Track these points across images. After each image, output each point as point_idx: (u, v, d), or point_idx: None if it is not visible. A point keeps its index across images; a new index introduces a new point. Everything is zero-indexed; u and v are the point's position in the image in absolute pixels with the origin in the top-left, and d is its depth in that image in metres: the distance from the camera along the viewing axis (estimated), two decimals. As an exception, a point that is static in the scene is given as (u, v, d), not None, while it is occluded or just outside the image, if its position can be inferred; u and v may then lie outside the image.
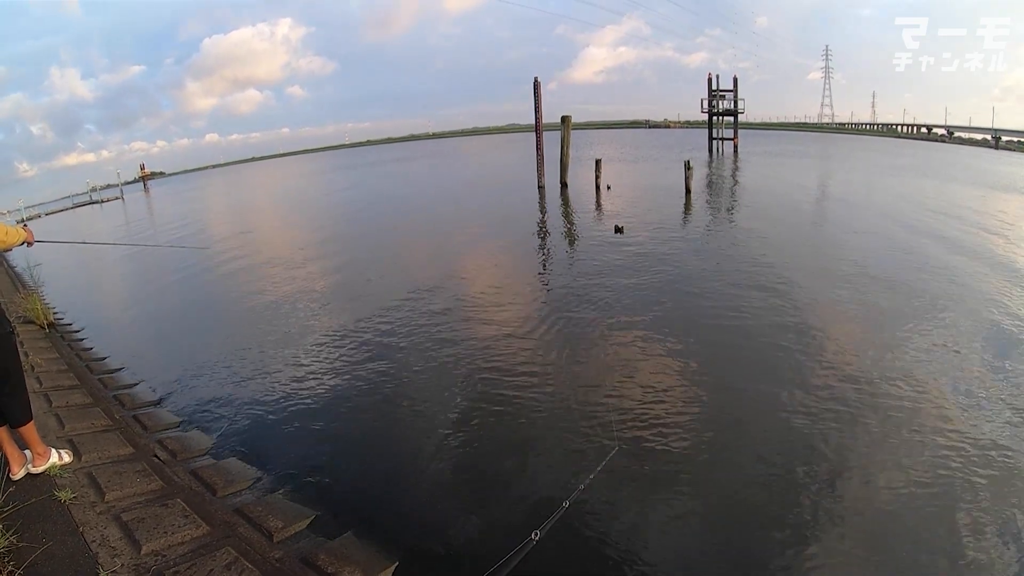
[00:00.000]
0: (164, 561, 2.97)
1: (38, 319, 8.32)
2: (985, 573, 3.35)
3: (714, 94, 39.29)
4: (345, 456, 4.85)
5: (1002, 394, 5.34)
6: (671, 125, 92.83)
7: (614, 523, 3.87)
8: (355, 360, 6.83)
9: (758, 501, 4.08)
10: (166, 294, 11.63)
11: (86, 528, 3.14)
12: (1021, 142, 43.51)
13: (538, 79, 22.16)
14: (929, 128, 58.55)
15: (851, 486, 4.19)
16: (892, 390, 5.44)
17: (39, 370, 6.06)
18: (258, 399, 5.97)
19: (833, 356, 6.31)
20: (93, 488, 3.60)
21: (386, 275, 10.93)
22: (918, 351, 6.34)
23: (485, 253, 12.87)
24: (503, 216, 17.50)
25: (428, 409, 5.58)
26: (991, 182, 21.67)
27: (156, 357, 7.57)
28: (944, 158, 33.80)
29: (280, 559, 3.15)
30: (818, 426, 4.90)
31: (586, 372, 6.24)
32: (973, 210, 15.19)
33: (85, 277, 15.16)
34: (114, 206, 42.79)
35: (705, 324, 7.36)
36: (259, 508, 3.75)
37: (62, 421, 4.67)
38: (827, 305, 8.05)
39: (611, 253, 11.28)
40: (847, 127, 76.67)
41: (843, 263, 10.07)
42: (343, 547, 3.35)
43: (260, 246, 16.14)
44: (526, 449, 4.82)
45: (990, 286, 8.46)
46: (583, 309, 8.17)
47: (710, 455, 4.62)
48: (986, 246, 11.10)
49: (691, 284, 9.11)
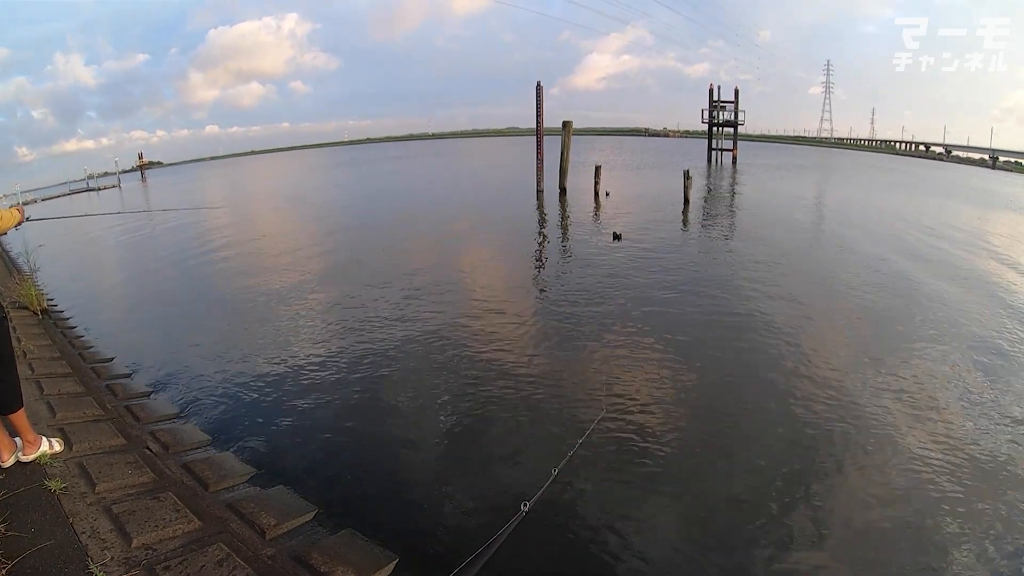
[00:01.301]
0: (155, 555, 2.92)
1: (31, 305, 8.24)
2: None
3: (715, 105, 39.44)
4: (341, 451, 4.81)
5: (997, 405, 5.39)
6: (670, 134, 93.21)
7: (600, 491, 4.07)
8: (350, 354, 6.80)
9: (739, 472, 4.37)
10: (161, 283, 11.56)
11: (76, 519, 3.09)
12: (1019, 163, 43.96)
13: (540, 83, 22.19)
14: (927, 146, 59.04)
15: (836, 472, 4.37)
16: (884, 386, 5.56)
17: (31, 356, 5.99)
18: (252, 393, 5.91)
19: (822, 359, 6.46)
20: (84, 479, 3.54)
21: (383, 273, 10.87)
22: (908, 358, 6.47)
23: (482, 253, 12.89)
24: (502, 219, 17.51)
25: (423, 402, 5.62)
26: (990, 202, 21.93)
27: (150, 347, 7.49)
28: (942, 177, 34.09)
29: (272, 556, 3.10)
30: (805, 418, 5.10)
31: (574, 364, 6.45)
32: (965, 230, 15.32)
33: (80, 263, 15.05)
34: (110, 194, 42.52)
35: (695, 326, 7.53)
36: (252, 504, 3.70)
37: (53, 409, 4.60)
38: (820, 313, 8.25)
39: (608, 259, 11.28)
40: (846, 142, 77.19)
41: (837, 276, 10.18)
42: (337, 545, 3.30)
43: (259, 238, 16.07)
44: (518, 429, 5.02)
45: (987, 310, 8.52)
46: (576, 309, 8.26)
47: (698, 437, 4.89)
48: (980, 265, 11.18)
49: (686, 291, 9.15)
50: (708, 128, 40.76)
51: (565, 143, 22.33)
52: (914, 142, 62.08)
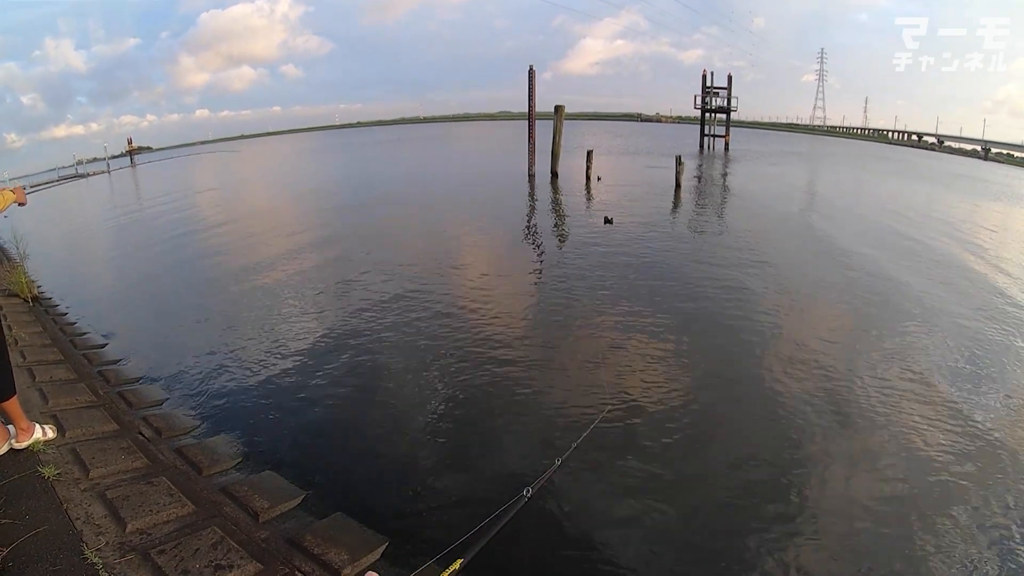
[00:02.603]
0: (149, 539, 2.97)
1: (22, 292, 8.18)
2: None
3: (708, 90, 39.37)
4: (334, 434, 4.86)
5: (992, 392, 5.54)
6: (663, 119, 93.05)
7: (603, 481, 4.07)
8: (343, 338, 6.84)
9: (739, 466, 4.34)
10: (153, 269, 11.47)
11: (70, 505, 3.13)
12: (1010, 154, 44.27)
13: (533, 67, 22.10)
14: (920, 136, 59.27)
15: (833, 467, 4.36)
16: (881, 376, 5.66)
17: (22, 344, 5.97)
18: (245, 378, 5.94)
19: (825, 342, 6.63)
20: (77, 465, 3.58)
21: (375, 257, 10.87)
22: (902, 343, 6.60)
23: (474, 238, 12.91)
24: (493, 203, 17.50)
25: (418, 384, 5.64)
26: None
27: (141, 333, 7.50)
28: (933, 166, 34.25)
29: (266, 539, 3.16)
30: (813, 412, 5.10)
31: (572, 346, 6.53)
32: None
33: (71, 250, 14.88)
34: (100, 180, 41.97)
35: (690, 308, 7.68)
36: (245, 488, 3.75)
37: (45, 396, 4.62)
38: (809, 294, 8.47)
39: (600, 243, 11.35)
40: (838, 130, 77.32)
41: (825, 254, 10.46)
42: (331, 527, 3.36)
43: (251, 223, 16.00)
44: (516, 415, 5.02)
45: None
46: (571, 291, 8.38)
47: (696, 422, 4.89)
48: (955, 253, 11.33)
49: (677, 272, 9.36)
50: (701, 114, 40.74)
51: (557, 127, 22.27)
52: (907, 131, 62.33)
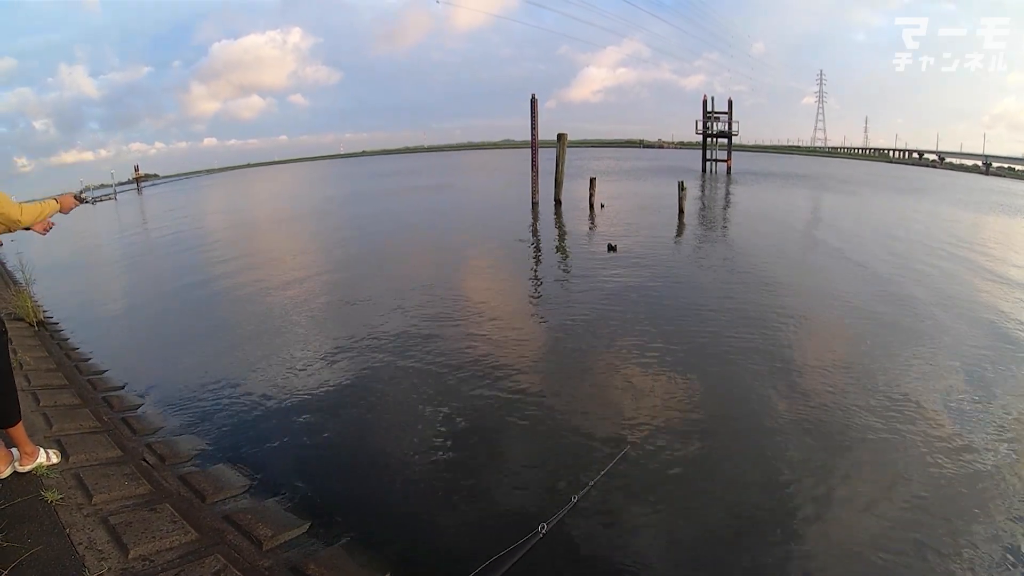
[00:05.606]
0: (152, 566, 2.92)
1: (28, 317, 8.23)
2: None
3: (709, 115, 39.83)
4: (340, 463, 4.80)
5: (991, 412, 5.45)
6: (664, 145, 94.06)
7: (621, 521, 3.90)
8: (349, 367, 6.79)
9: (761, 507, 4.13)
10: (158, 295, 11.53)
11: (73, 530, 3.09)
12: (1012, 168, 44.42)
13: (535, 96, 22.38)
14: (920, 153, 59.65)
15: (845, 494, 4.26)
16: (892, 405, 5.53)
17: (27, 368, 5.98)
18: (249, 405, 5.90)
19: (821, 367, 6.53)
20: (81, 490, 3.54)
21: (380, 286, 10.90)
22: (913, 371, 6.48)
23: (480, 266, 12.92)
24: (498, 232, 17.50)
25: (428, 414, 5.56)
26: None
27: (147, 359, 7.49)
28: (941, 182, 34.38)
29: (270, 567, 3.10)
30: (835, 445, 4.96)
31: (583, 380, 6.34)
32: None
33: (77, 275, 14.97)
34: (106, 206, 42.47)
35: (701, 341, 7.42)
36: (249, 516, 3.70)
37: (50, 421, 4.60)
38: (818, 322, 8.26)
39: (605, 271, 11.34)
40: (840, 151, 77.92)
41: (830, 283, 10.32)
42: (335, 557, 3.31)
43: (256, 252, 16.09)
44: (528, 449, 4.88)
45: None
46: (578, 321, 8.24)
47: (716, 460, 4.71)
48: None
49: (685, 301, 9.20)
50: (703, 139, 41.16)
51: (560, 155, 22.47)
52: (907, 150, 62.73)
